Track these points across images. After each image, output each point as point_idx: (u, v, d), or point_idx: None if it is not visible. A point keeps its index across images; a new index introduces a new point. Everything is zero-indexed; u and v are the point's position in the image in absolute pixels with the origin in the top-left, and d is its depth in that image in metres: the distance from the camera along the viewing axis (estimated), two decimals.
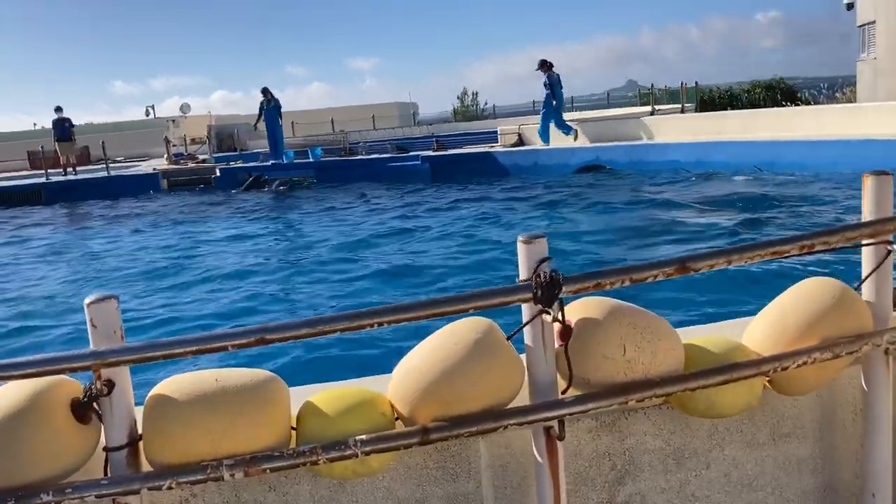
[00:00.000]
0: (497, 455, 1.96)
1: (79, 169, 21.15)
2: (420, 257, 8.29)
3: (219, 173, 18.90)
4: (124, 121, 36.34)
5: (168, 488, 1.57)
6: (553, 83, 16.46)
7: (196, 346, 1.55)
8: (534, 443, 1.81)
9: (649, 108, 22.31)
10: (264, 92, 19.31)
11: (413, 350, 1.82)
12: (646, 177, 13.37)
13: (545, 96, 16.61)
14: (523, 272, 1.72)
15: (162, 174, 19.25)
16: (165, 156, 22.20)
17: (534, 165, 15.92)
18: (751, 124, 14.36)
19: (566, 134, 16.37)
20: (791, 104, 23.08)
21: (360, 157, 19.48)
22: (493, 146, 18.23)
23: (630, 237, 8.55)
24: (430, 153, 18.05)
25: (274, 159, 19.21)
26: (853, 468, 2.16)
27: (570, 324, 1.82)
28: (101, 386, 1.57)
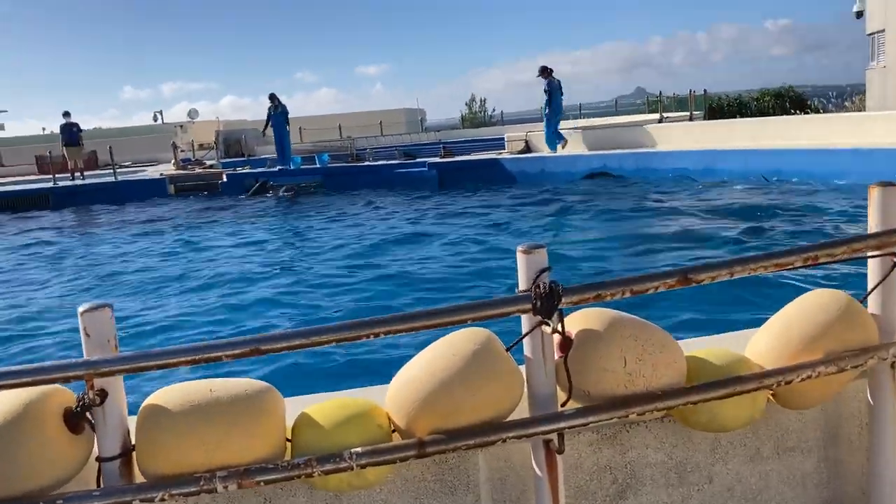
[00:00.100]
0: (496, 468, 1.93)
1: (86, 174, 21.20)
2: (426, 264, 8.27)
3: (226, 179, 18.93)
4: (132, 126, 36.54)
5: (161, 500, 1.55)
6: (553, 89, 16.42)
7: (190, 357, 1.53)
8: (533, 456, 1.78)
9: (657, 116, 22.28)
10: (272, 98, 19.40)
11: (411, 361, 1.80)
12: (653, 184, 13.32)
13: (545, 102, 16.63)
14: (523, 283, 1.70)
15: (169, 179, 19.28)
16: (173, 161, 22.25)
17: (541, 172, 15.88)
18: (759, 132, 14.29)
19: (556, 142, 16.36)
20: (800, 112, 23.01)
21: (367, 163, 19.49)
22: (500, 153, 18.22)
23: (637, 245, 8.50)
24: (438, 160, 18.04)
25: (281, 165, 19.25)
26: (859, 483, 2.13)
27: (571, 335, 1.79)
28: (93, 396, 1.55)
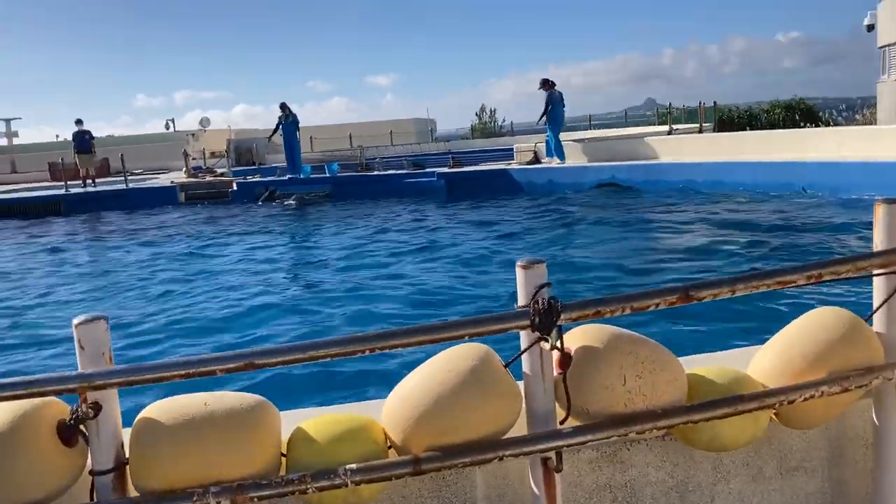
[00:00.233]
0: (493, 486, 1.91)
1: (98, 181, 21.31)
2: (433, 275, 8.25)
3: (236, 187, 19.01)
4: (145, 134, 36.76)
5: None
6: (554, 102, 16.46)
7: (184, 371, 1.52)
8: (531, 474, 1.76)
9: (667, 128, 22.24)
10: (282, 107, 19.49)
11: (408, 376, 1.78)
12: (662, 196, 13.27)
13: (542, 114, 16.70)
14: (521, 298, 1.68)
15: (180, 187, 19.36)
16: (184, 169, 22.35)
17: (549, 183, 15.87)
18: (769, 145, 14.24)
19: (562, 152, 16.39)
20: (811, 125, 22.93)
21: (376, 172, 19.52)
22: (509, 163, 18.21)
23: (644, 257, 8.46)
24: (446, 170, 18.05)
25: (291, 174, 19.30)
26: None
27: (570, 351, 1.77)
28: (87, 409, 1.54)
